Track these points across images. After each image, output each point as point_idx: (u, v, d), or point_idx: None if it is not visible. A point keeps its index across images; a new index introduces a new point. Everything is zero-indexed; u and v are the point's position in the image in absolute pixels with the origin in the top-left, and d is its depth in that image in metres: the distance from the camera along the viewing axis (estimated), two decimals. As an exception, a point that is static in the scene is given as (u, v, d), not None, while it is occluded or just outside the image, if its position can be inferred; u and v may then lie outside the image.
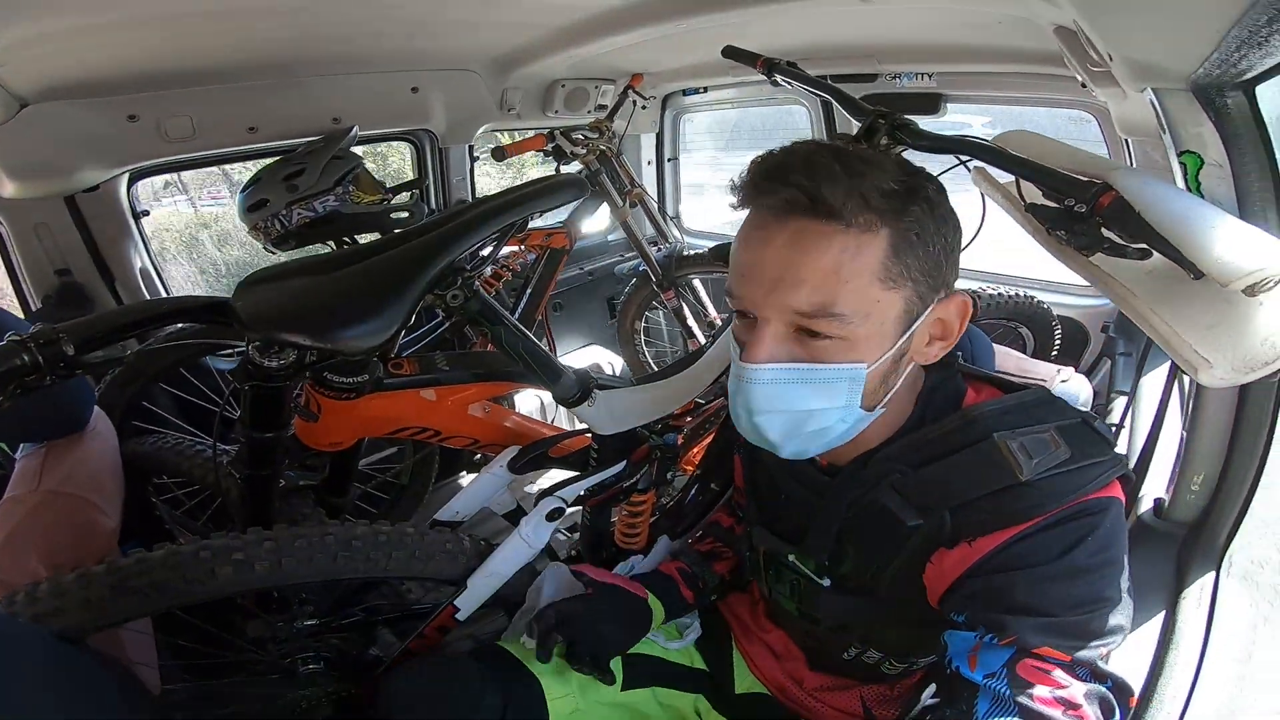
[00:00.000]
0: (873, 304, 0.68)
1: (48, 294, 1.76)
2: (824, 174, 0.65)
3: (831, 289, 0.67)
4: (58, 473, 1.27)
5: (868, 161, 0.68)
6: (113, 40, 1.46)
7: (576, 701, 0.96)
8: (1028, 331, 2.17)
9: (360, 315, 0.84)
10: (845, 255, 0.66)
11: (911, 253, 0.68)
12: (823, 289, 0.67)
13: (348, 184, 1.90)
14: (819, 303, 0.67)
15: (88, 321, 0.75)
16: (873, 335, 0.70)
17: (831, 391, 0.71)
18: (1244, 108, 0.87)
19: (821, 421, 0.73)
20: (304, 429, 1.22)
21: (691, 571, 1.10)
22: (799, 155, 0.69)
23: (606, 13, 1.89)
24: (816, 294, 0.67)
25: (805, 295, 0.67)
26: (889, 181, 0.67)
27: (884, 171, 0.68)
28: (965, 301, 0.75)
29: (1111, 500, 0.71)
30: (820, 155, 0.68)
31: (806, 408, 0.72)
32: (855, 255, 0.67)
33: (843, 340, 0.69)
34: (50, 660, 0.77)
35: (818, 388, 0.71)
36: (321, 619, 1.24)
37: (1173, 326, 0.77)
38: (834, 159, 0.67)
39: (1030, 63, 1.93)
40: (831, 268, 0.67)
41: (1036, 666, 0.65)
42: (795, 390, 0.71)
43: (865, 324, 0.69)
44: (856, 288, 0.67)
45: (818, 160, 0.67)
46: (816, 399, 0.71)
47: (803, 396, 0.71)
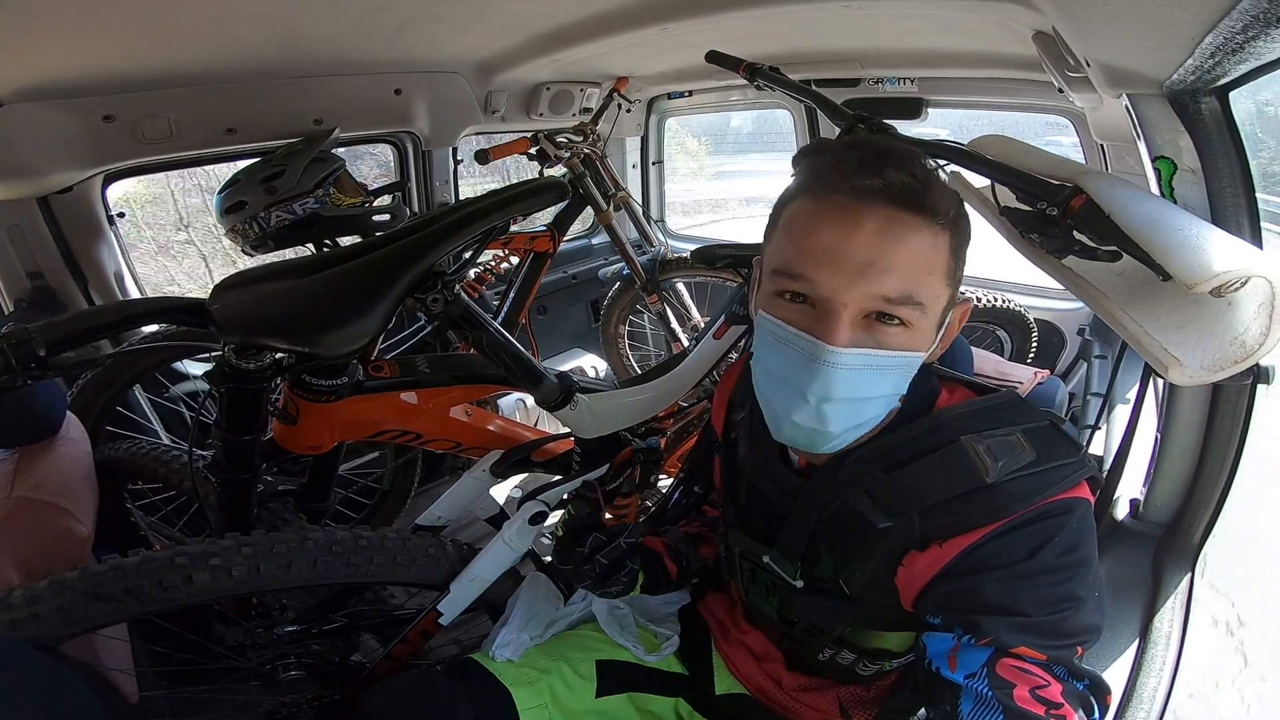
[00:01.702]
0: (936, 298, 0.72)
1: (20, 297, 1.73)
2: (922, 171, 0.69)
3: (919, 278, 0.69)
4: (29, 479, 1.25)
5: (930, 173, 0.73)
6: (89, 41, 1.44)
7: (550, 712, 0.96)
8: (1005, 334, 2.20)
9: (338, 319, 0.84)
10: (931, 250, 0.70)
11: (957, 257, 0.73)
12: (912, 277, 0.69)
13: (328, 186, 1.88)
14: (907, 290, 0.69)
15: (60, 322, 0.74)
16: (929, 327, 0.73)
17: (892, 379, 0.73)
18: (1217, 114, 0.89)
19: (874, 410, 0.75)
20: (282, 432, 1.20)
21: (676, 547, 1.09)
22: (894, 146, 0.72)
23: (591, 17, 1.90)
24: (907, 281, 0.68)
25: (896, 281, 0.68)
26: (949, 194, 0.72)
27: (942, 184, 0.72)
28: (968, 307, 0.79)
29: (1078, 501, 0.72)
30: (914, 152, 0.72)
31: (870, 394, 0.73)
32: (935, 252, 0.70)
33: (910, 329, 0.71)
34: (24, 668, 0.76)
35: (883, 374, 0.72)
36: (302, 625, 1.23)
37: (1143, 327, 0.79)
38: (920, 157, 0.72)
39: (1010, 68, 1.97)
40: (921, 258, 0.69)
41: (1015, 666, 0.66)
42: (868, 376, 0.71)
43: (929, 315, 0.72)
44: (934, 280, 0.70)
45: (915, 156, 0.71)
46: (880, 385, 0.73)
47: (871, 382, 0.72)
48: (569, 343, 3.13)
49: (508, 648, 1.00)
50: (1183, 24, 0.70)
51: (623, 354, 2.92)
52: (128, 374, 1.69)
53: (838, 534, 0.81)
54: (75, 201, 1.76)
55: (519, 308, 2.39)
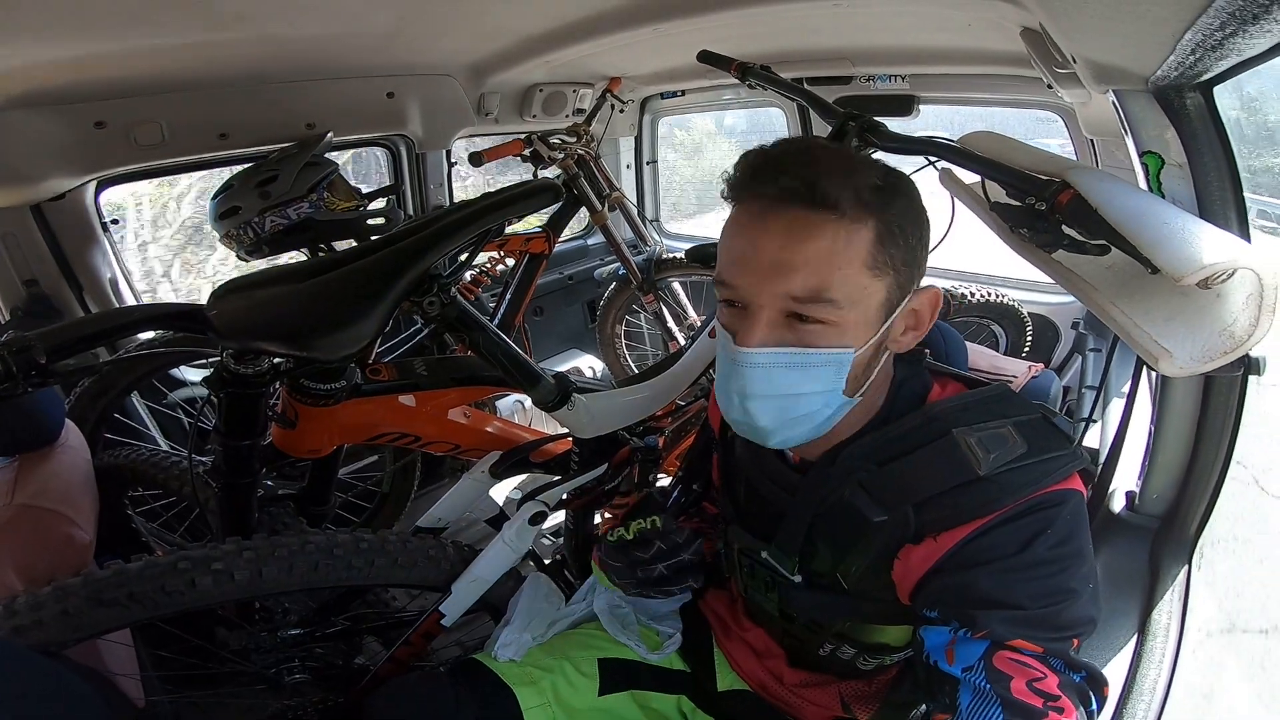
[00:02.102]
0: (861, 290, 0.71)
1: (16, 306, 1.72)
2: (822, 166, 0.69)
3: (825, 274, 0.69)
4: (30, 486, 1.25)
5: (855, 160, 0.73)
6: (80, 47, 1.43)
7: (553, 711, 0.97)
8: (1000, 329, 2.22)
9: (335, 323, 0.84)
10: (839, 243, 0.69)
11: (894, 243, 0.72)
12: (818, 274, 0.69)
13: (322, 190, 1.88)
14: (814, 287, 0.70)
15: (60, 329, 0.74)
16: (859, 321, 0.72)
17: (820, 375, 0.73)
18: (1202, 108, 0.90)
19: (808, 406, 0.75)
20: (281, 436, 1.21)
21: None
22: (795, 149, 0.74)
23: (583, 18, 1.90)
24: (812, 278, 0.69)
25: (801, 280, 0.70)
26: (875, 178, 0.71)
27: (871, 169, 0.72)
28: (936, 293, 0.78)
29: (1070, 493, 0.72)
30: (816, 150, 0.74)
31: (797, 391, 0.74)
32: (847, 243, 0.69)
33: (832, 325, 0.71)
34: (30, 674, 0.76)
35: (808, 371, 0.73)
36: (305, 628, 1.23)
37: (1133, 319, 0.80)
38: (826, 154, 0.73)
39: (1000, 64, 1.98)
40: (826, 254, 0.69)
41: (1012, 659, 0.67)
42: (786, 374, 0.73)
43: (853, 310, 0.71)
44: (847, 274, 0.70)
45: (814, 154, 0.72)
46: (806, 382, 0.73)
47: (793, 380, 0.73)
48: (566, 343, 3.13)
49: (509, 648, 1.01)
50: (1163, 21, 0.71)
51: (619, 354, 2.92)
52: (125, 380, 1.69)
53: (834, 528, 0.82)
54: (69, 208, 1.76)
55: (515, 309, 2.39)
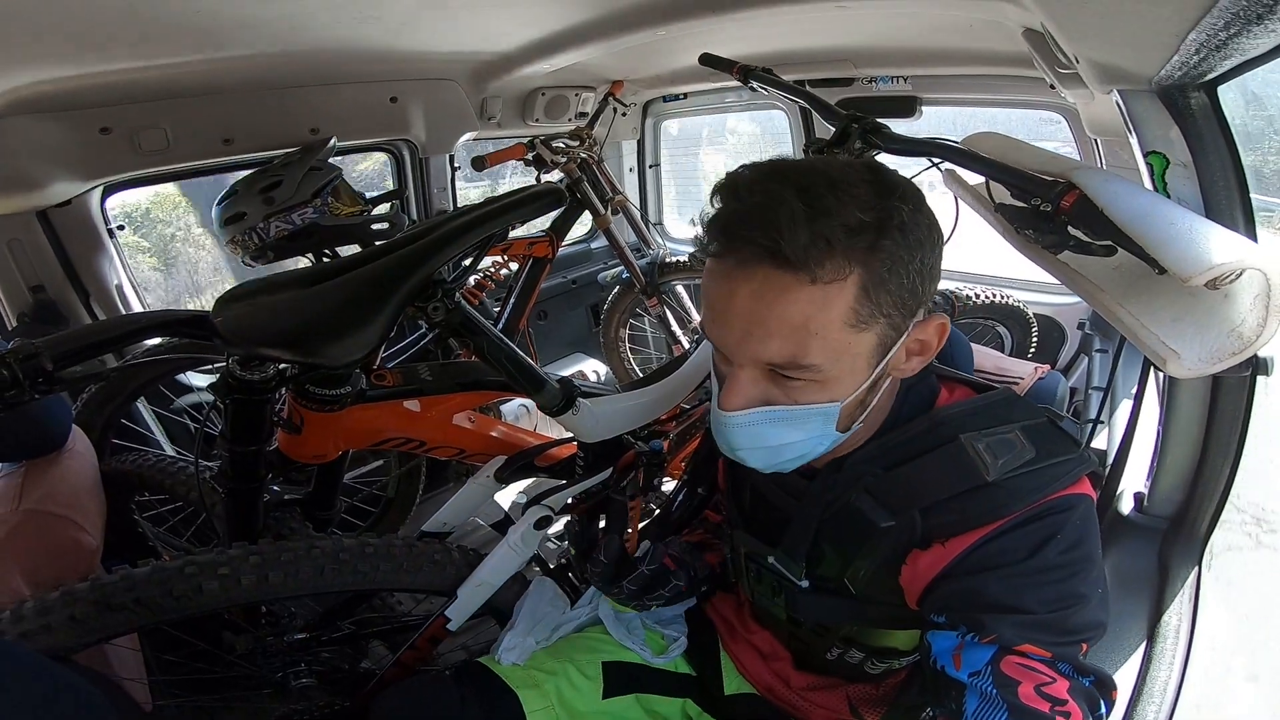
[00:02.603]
0: (844, 347, 0.67)
1: (23, 311, 1.74)
2: (785, 222, 0.61)
3: (801, 341, 0.65)
4: (36, 492, 1.26)
5: (839, 190, 0.63)
6: (84, 52, 1.44)
7: (556, 713, 0.97)
8: (1005, 330, 2.21)
9: (340, 330, 0.85)
10: (813, 308, 0.64)
11: (884, 289, 0.66)
12: (792, 341, 0.66)
13: (326, 195, 1.89)
14: (789, 355, 0.66)
15: (67, 336, 0.74)
16: (845, 374, 0.70)
17: (807, 426, 0.72)
18: (1206, 108, 0.90)
19: (799, 450, 0.75)
20: (287, 442, 1.21)
21: (682, 558, 1.10)
22: (757, 200, 0.64)
23: (584, 22, 1.91)
24: (786, 346, 0.66)
25: (775, 348, 0.66)
26: (858, 213, 0.63)
27: (853, 200, 0.63)
28: (944, 324, 0.74)
29: (1079, 497, 0.72)
30: (782, 197, 0.62)
31: (783, 441, 0.73)
32: (823, 308, 0.64)
33: (814, 382, 0.69)
34: (40, 679, 0.77)
35: (793, 424, 0.72)
36: (312, 632, 1.24)
37: (1140, 320, 0.80)
38: (797, 197, 0.62)
39: (1003, 65, 1.97)
40: (800, 321, 0.64)
41: (1020, 663, 0.66)
42: (771, 429, 0.72)
43: (837, 365, 0.68)
44: (825, 338, 0.66)
45: (779, 204, 0.62)
46: (793, 434, 0.73)
47: (778, 434, 0.73)
48: (570, 347, 3.14)
49: (513, 652, 1.01)
50: (1166, 21, 0.71)
51: (624, 357, 2.92)
52: (132, 386, 1.70)
53: (841, 533, 0.81)
54: (75, 214, 1.77)
55: (519, 313, 2.39)
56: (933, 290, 0.72)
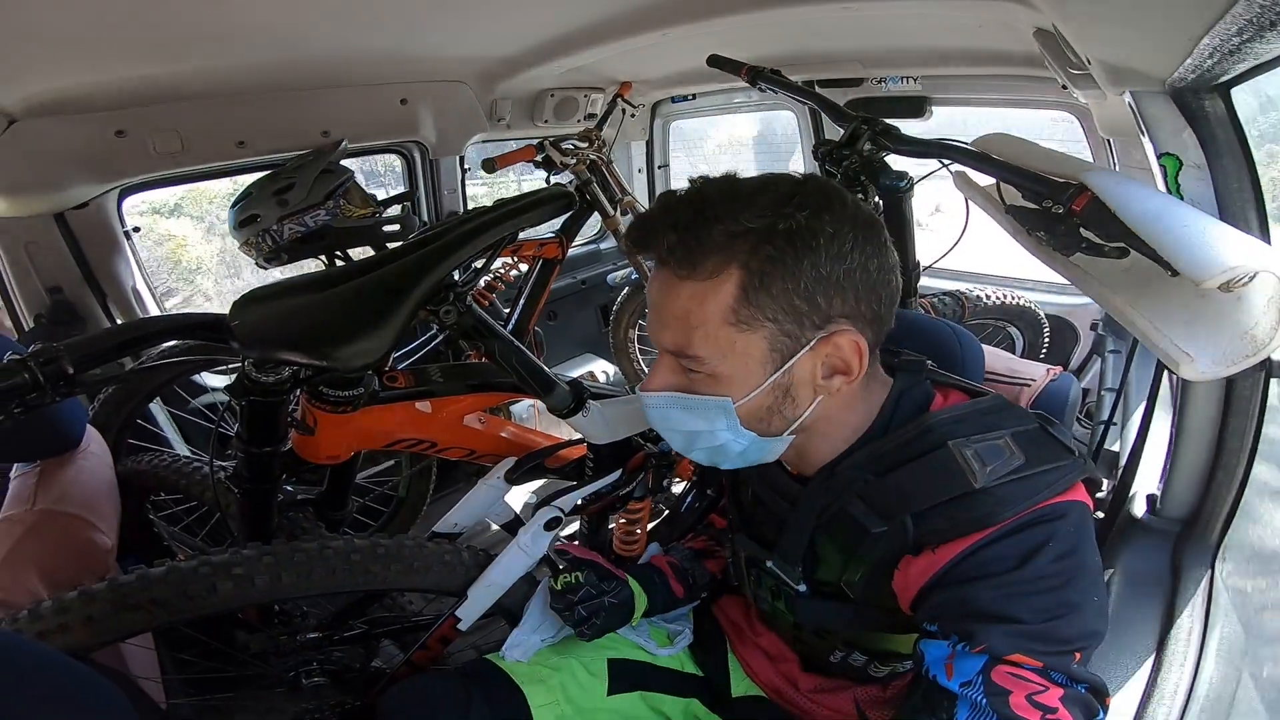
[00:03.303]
0: (728, 345, 0.72)
1: (40, 313, 1.76)
2: (665, 228, 0.71)
3: (685, 333, 0.73)
4: (52, 492, 1.27)
5: (735, 200, 0.70)
6: (99, 56, 1.46)
7: (562, 709, 0.97)
8: (1016, 331, 2.19)
9: (354, 333, 0.86)
10: (693, 302, 0.71)
11: (765, 293, 0.69)
12: (680, 333, 0.74)
13: (338, 198, 1.91)
14: (678, 344, 0.74)
15: (87, 340, 0.75)
16: (736, 373, 0.74)
17: (708, 417, 0.77)
18: (1221, 110, 0.89)
19: (713, 440, 0.80)
20: (300, 443, 1.22)
21: (682, 566, 1.11)
22: (656, 210, 0.75)
23: (593, 23, 1.91)
24: (676, 336, 0.74)
25: (669, 338, 0.75)
26: (744, 220, 0.69)
27: (747, 208, 0.69)
28: (855, 341, 0.73)
29: (1071, 504, 0.71)
30: (675, 207, 0.73)
31: (691, 428, 0.79)
32: (702, 302, 0.71)
33: (709, 376, 0.75)
34: (58, 677, 0.77)
35: (694, 413, 0.78)
36: (324, 632, 1.25)
37: (1153, 322, 0.79)
38: (689, 207, 0.71)
39: (1014, 65, 1.96)
40: (682, 314, 0.72)
41: (1010, 673, 0.66)
42: (678, 414, 0.79)
43: (724, 363, 0.73)
44: (706, 332, 0.72)
45: (668, 211, 0.73)
46: (697, 422, 0.78)
47: (685, 419, 0.79)
48: (580, 348, 3.14)
49: (518, 649, 1.02)
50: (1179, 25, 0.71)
51: (633, 358, 2.92)
52: (148, 387, 1.71)
53: (835, 538, 0.82)
54: (92, 217, 1.79)
55: (529, 315, 2.40)
56: (850, 309, 0.72)
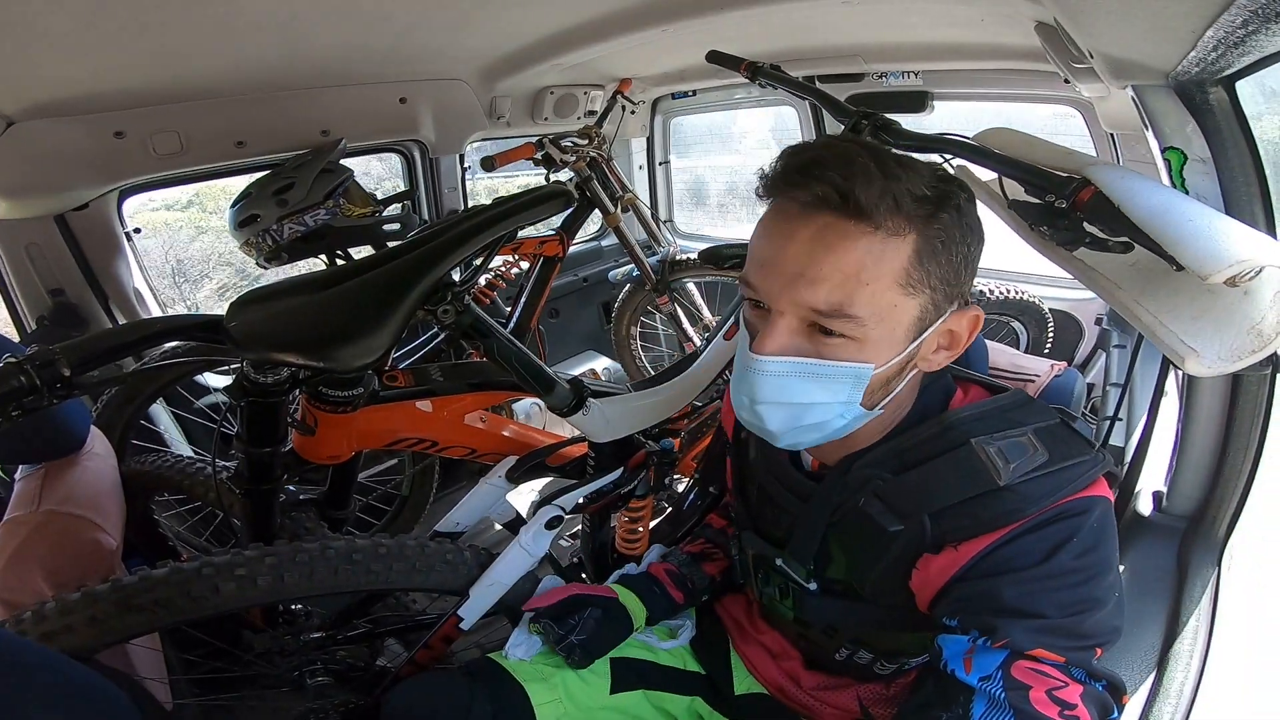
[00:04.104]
0: (889, 308, 0.68)
1: (42, 315, 1.76)
2: (860, 172, 0.64)
3: (850, 290, 0.66)
4: (57, 493, 1.28)
5: (904, 165, 0.67)
6: (98, 56, 1.46)
7: (564, 706, 0.97)
8: (1021, 326, 2.19)
9: (351, 334, 0.85)
10: (869, 257, 0.66)
11: (935, 259, 0.68)
12: (842, 288, 0.66)
13: (338, 197, 1.90)
14: (836, 302, 0.67)
15: (83, 342, 0.75)
16: (884, 338, 0.69)
17: (835, 388, 0.71)
18: (1225, 104, 0.88)
19: (821, 415, 0.73)
20: (301, 443, 1.22)
21: (680, 572, 1.11)
22: (835, 151, 0.68)
23: (592, 20, 1.90)
24: (835, 293, 0.66)
25: (824, 293, 0.67)
26: (923, 186, 0.67)
27: (919, 176, 0.67)
28: (978, 315, 0.74)
29: (1095, 500, 0.71)
30: (858, 153, 0.66)
31: (809, 401, 0.72)
32: (879, 259, 0.66)
33: (854, 340, 0.69)
34: (63, 679, 0.78)
35: (823, 383, 0.71)
36: (327, 631, 1.25)
37: (1158, 318, 0.78)
38: (871, 158, 0.66)
39: (1015, 59, 1.95)
40: (854, 269, 0.66)
41: (1031, 668, 0.66)
42: (800, 384, 0.71)
43: (879, 327, 0.68)
44: (875, 291, 0.66)
45: (854, 158, 0.66)
46: (820, 393, 0.71)
47: (806, 390, 0.71)
48: (581, 345, 3.14)
49: (519, 647, 1.02)
50: (1183, 17, 0.70)
51: (635, 355, 2.92)
52: (150, 388, 1.72)
53: (850, 537, 0.81)
54: (92, 218, 1.79)
55: (530, 313, 2.40)
56: (969, 287, 0.73)
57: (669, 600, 1.08)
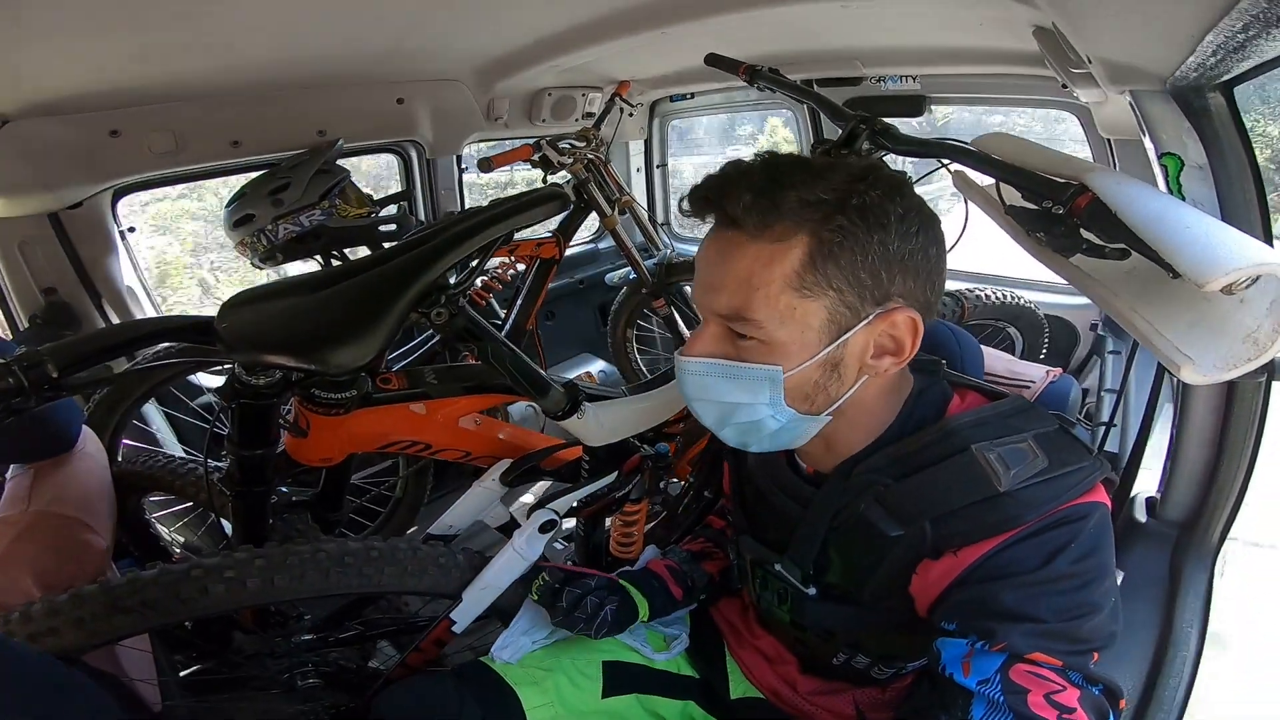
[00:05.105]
0: (788, 311, 0.71)
1: (35, 314, 1.75)
2: (741, 188, 0.70)
3: (745, 295, 0.71)
4: (47, 493, 1.26)
5: (810, 172, 0.70)
6: (93, 55, 1.46)
7: (555, 710, 0.97)
8: (1016, 331, 2.18)
9: (343, 336, 0.85)
10: (757, 264, 0.70)
11: (832, 262, 0.69)
12: (737, 295, 0.71)
13: (334, 197, 1.90)
14: (734, 307, 0.72)
15: (71, 343, 0.75)
16: (792, 341, 0.72)
17: (752, 389, 0.75)
18: (1223, 109, 0.88)
19: (750, 415, 0.77)
20: (294, 445, 1.22)
21: (680, 569, 1.10)
22: (726, 173, 0.74)
23: (590, 21, 1.90)
24: (733, 299, 0.72)
25: (724, 300, 0.72)
26: (820, 191, 0.69)
27: (821, 181, 0.69)
28: (913, 318, 0.73)
29: (1093, 506, 0.71)
30: (748, 170, 0.72)
31: (731, 400, 0.77)
32: (766, 264, 0.70)
33: (762, 344, 0.73)
34: (48, 680, 0.77)
35: (738, 383, 0.75)
36: (319, 633, 1.24)
37: (1154, 325, 0.78)
38: (764, 172, 0.71)
39: (1013, 64, 1.95)
40: (744, 275, 0.71)
41: (1029, 671, 0.66)
42: (718, 384, 0.76)
43: (782, 329, 0.72)
44: (767, 295, 0.70)
45: (741, 175, 0.71)
46: (738, 394, 0.76)
47: (726, 390, 0.76)
48: (578, 348, 3.14)
49: (506, 650, 1.01)
50: (1182, 22, 0.70)
51: (631, 358, 2.92)
52: (142, 388, 1.71)
53: (849, 542, 0.81)
54: (86, 217, 1.78)
55: (526, 315, 2.39)
56: (906, 289, 0.73)
57: (668, 595, 1.06)
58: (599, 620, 0.97)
